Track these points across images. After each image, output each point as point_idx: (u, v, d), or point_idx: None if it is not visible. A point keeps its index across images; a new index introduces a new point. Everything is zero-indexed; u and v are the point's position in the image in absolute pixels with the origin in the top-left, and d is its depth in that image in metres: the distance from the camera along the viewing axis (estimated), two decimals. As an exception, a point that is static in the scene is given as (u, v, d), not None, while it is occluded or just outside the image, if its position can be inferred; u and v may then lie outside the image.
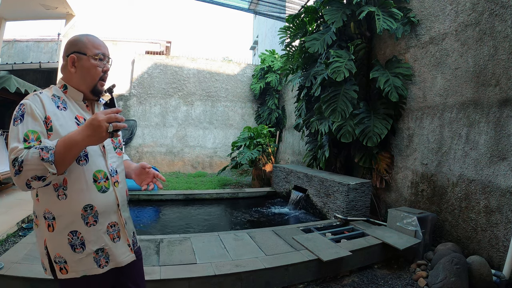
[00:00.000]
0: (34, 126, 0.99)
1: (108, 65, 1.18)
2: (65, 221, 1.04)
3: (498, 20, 2.77)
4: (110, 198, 1.12)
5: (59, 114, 1.06)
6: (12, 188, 5.13)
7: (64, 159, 0.94)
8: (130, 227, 1.24)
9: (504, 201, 2.62)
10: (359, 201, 3.79)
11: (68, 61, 1.12)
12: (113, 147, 1.22)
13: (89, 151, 1.09)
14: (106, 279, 1.12)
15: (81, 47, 1.12)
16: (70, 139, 0.94)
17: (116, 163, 1.20)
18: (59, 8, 5.46)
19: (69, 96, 1.14)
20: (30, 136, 0.96)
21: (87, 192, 1.06)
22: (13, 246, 2.75)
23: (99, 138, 0.95)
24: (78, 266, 1.05)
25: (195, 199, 5.18)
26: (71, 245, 1.04)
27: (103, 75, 1.16)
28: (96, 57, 1.13)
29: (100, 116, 0.93)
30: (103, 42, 1.19)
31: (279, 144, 8.80)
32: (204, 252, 2.65)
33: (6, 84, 4.42)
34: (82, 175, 1.06)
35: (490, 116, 2.81)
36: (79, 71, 1.12)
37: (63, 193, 1.04)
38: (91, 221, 1.07)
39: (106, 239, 1.10)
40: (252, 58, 18.34)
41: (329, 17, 3.98)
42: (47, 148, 0.91)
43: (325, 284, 2.57)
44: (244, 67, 9.59)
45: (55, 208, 1.04)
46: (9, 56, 9.58)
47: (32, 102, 1.02)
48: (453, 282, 2.27)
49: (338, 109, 3.95)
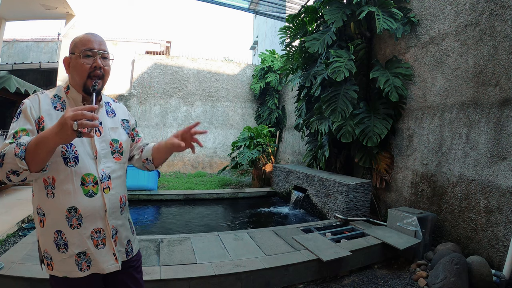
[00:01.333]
0: (25, 124, 1.01)
1: (100, 61, 1.10)
2: (52, 219, 1.06)
3: (498, 20, 2.77)
4: (97, 203, 1.08)
5: (54, 114, 1.07)
6: (12, 188, 5.13)
7: (34, 156, 0.91)
8: (124, 235, 1.19)
9: (504, 201, 2.62)
10: (359, 201, 3.79)
11: (64, 64, 1.14)
12: (111, 152, 1.16)
13: (79, 153, 1.07)
14: (87, 284, 1.10)
15: (73, 47, 1.11)
16: (40, 136, 0.91)
17: (111, 168, 1.14)
18: (59, 8, 5.46)
19: (70, 97, 1.14)
20: (19, 133, 0.99)
21: (73, 194, 1.05)
22: (13, 246, 2.75)
23: (66, 136, 0.88)
24: (61, 266, 1.06)
25: (195, 199, 5.18)
26: (56, 244, 1.06)
27: (92, 71, 1.09)
28: (82, 54, 1.09)
29: (67, 112, 0.86)
30: (99, 38, 1.14)
31: (279, 144, 8.80)
32: (204, 252, 2.65)
33: (6, 84, 4.42)
34: (70, 176, 1.04)
35: (490, 116, 2.81)
36: (71, 72, 1.12)
37: (51, 192, 1.05)
38: (75, 224, 1.05)
39: (89, 244, 1.07)
40: (252, 58, 18.35)
41: (329, 17, 3.97)
42: (20, 144, 0.91)
43: (325, 284, 2.57)
44: (244, 67, 9.59)
45: (44, 206, 1.06)
46: (9, 56, 9.58)
47: (31, 101, 1.05)
48: (453, 282, 2.26)
49: (338, 109, 3.95)
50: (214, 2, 6.84)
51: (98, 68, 1.10)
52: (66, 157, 1.04)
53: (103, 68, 1.12)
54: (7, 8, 5.21)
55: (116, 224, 1.15)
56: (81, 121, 0.85)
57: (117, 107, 1.29)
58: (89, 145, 1.11)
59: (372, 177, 4.24)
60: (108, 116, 1.21)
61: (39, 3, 5.27)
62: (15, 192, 4.92)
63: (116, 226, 1.15)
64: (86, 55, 1.09)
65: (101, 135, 1.15)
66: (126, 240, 1.21)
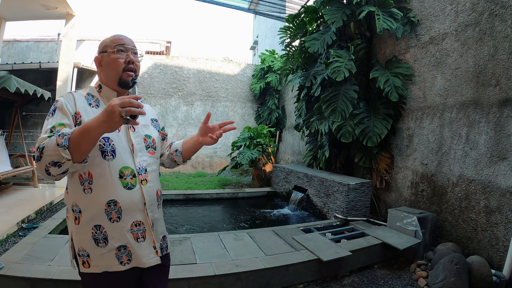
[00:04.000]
0: (62, 119, 1.04)
1: (132, 56, 1.16)
2: (90, 215, 1.06)
3: (498, 20, 2.77)
4: (136, 195, 1.10)
5: (90, 110, 1.10)
6: (12, 188, 5.13)
7: (78, 145, 0.92)
8: (160, 229, 1.20)
9: (504, 201, 2.62)
10: (359, 201, 3.79)
11: (95, 63, 1.19)
12: (145, 146, 1.19)
13: (116, 147, 1.09)
14: (127, 278, 1.10)
15: (104, 47, 1.16)
16: (85, 125, 0.93)
17: (146, 162, 1.17)
18: (59, 8, 5.45)
19: (103, 95, 1.18)
20: (56, 128, 1.01)
21: (112, 188, 1.06)
22: (13, 246, 2.75)
23: (112, 124, 0.90)
24: (100, 261, 1.06)
25: (195, 199, 5.18)
26: (95, 239, 1.05)
27: (126, 65, 1.14)
28: (115, 49, 1.13)
29: (114, 100, 0.89)
30: (128, 37, 1.20)
31: (279, 144, 8.80)
32: (204, 252, 2.65)
33: (6, 84, 4.42)
34: (107, 170, 1.06)
35: (490, 116, 2.81)
36: (104, 69, 1.16)
37: (88, 187, 1.05)
38: (115, 217, 1.06)
39: (129, 238, 1.08)
40: (252, 58, 18.33)
41: (329, 17, 3.97)
42: (63, 134, 0.93)
43: (325, 284, 2.57)
44: (244, 67, 9.59)
45: (81, 202, 1.06)
46: (9, 56, 9.57)
47: (65, 99, 1.09)
48: (453, 282, 2.26)
49: (338, 109, 3.95)
50: (214, 2, 6.84)
51: (132, 63, 1.15)
52: (104, 150, 1.06)
53: (135, 63, 1.17)
54: (7, 8, 5.21)
55: (154, 218, 1.16)
56: (129, 108, 0.88)
57: (145, 107, 1.30)
58: (126, 139, 1.13)
59: (372, 177, 4.24)
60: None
61: (39, 3, 5.26)
62: (15, 192, 4.93)
63: (154, 219, 1.16)
64: (119, 50, 1.14)
65: (134, 131, 1.18)
66: (162, 235, 1.22)
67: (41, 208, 4.12)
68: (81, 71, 7.80)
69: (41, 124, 8.22)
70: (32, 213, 3.85)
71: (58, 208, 4.33)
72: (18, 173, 5.16)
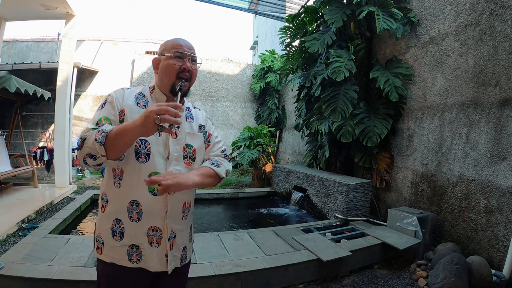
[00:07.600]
0: (109, 113, 1.07)
1: (188, 63, 1.12)
2: (114, 207, 1.10)
3: (498, 20, 2.77)
4: (159, 202, 1.09)
5: (136, 110, 1.10)
6: (12, 188, 5.13)
7: (114, 144, 0.94)
8: (181, 240, 1.18)
9: (504, 201, 2.62)
10: (359, 201, 3.79)
11: (153, 64, 1.19)
12: (183, 156, 1.15)
13: (152, 151, 1.08)
14: (133, 276, 1.11)
15: (163, 49, 1.15)
16: (123, 125, 0.95)
17: (179, 172, 1.12)
18: (59, 8, 5.45)
19: (154, 97, 1.17)
20: (102, 121, 1.04)
21: (138, 189, 1.07)
22: (13, 246, 2.75)
23: (146, 129, 0.90)
24: (110, 253, 1.09)
25: (195, 199, 5.16)
26: (113, 231, 1.09)
27: (180, 72, 1.11)
28: (173, 55, 1.11)
29: (152, 106, 0.89)
30: (189, 43, 1.16)
31: (279, 144, 8.80)
32: (204, 252, 2.65)
33: (6, 84, 4.42)
34: (138, 171, 1.07)
35: (490, 116, 2.81)
36: (160, 72, 1.15)
37: (118, 182, 1.09)
38: (134, 217, 1.08)
39: (143, 240, 1.09)
40: (252, 58, 18.33)
41: (329, 17, 3.97)
42: (102, 130, 0.95)
43: (325, 284, 2.57)
44: (244, 67, 9.59)
45: (110, 193, 1.11)
46: (9, 56, 9.56)
47: (116, 94, 1.12)
48: (453, 282, 2.26)
49: (338, 109, 3.95)
50: (214, 2, 6.84)
51: (187, 70, 1.12)
52: (139, 152, 1.07)
53: (191, 70, 1.14)
54: (7, 8, 5.20)
55: (175, 228, 1.14)
56: (164, 116, 0.87)
57: (197, 113, 1.28)
58: (163, 145, 1.12)
59: (372, 177, 4.24)
60: (187, 121, 1.21)
61: (39, 3, 5.25)
62: (15, 192, 4.92)
63: (175, 230, 1.14)
64: (176, 56, 1.12)
65: (176, 138, 1.15)
66: (183, 246, 1.20)
67: (41, 208, 4.12)
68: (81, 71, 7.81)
69: (41, 124, 8.22)
70: (32, 213, 3.85)
71: (58, 208, 4.32)
72: (18, 173, 5.16)
